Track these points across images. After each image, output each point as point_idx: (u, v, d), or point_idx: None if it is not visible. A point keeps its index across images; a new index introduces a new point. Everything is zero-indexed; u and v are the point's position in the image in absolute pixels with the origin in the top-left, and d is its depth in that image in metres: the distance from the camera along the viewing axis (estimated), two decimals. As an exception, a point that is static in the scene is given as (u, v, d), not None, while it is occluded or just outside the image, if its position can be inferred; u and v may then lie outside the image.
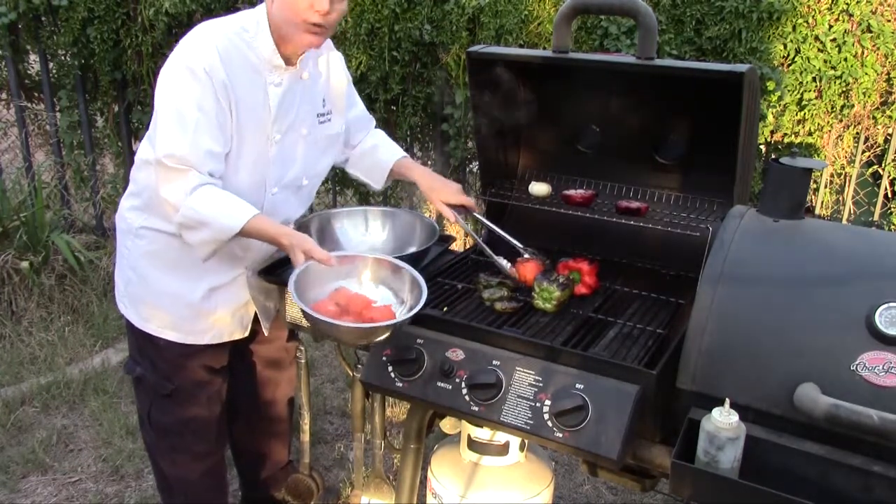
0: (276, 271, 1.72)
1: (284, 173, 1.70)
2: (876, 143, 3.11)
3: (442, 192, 1.80)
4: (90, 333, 3.35)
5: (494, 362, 1.34)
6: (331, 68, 1.79)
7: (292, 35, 1.55)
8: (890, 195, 3.17)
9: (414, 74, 3.22)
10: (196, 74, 1.50)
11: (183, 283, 1.71)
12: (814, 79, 2.88)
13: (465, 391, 1.34)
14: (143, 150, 1.69)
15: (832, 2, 2.80)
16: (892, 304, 1.11)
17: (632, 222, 1.64)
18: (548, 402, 1.27)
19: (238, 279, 1.74)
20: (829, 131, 2.99)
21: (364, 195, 3.57)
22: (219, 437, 1.95)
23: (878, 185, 3.14)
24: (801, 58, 2.86)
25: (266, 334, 1.87)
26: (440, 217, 2.05)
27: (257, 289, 1.77)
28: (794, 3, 2.77)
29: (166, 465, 1.91)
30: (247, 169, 1.62)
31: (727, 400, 1.12)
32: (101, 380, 3.03)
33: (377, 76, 3.18)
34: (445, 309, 1.52)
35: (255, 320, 1.84)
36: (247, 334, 1.84)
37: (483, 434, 1.54)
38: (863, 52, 2.83)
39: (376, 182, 1.92)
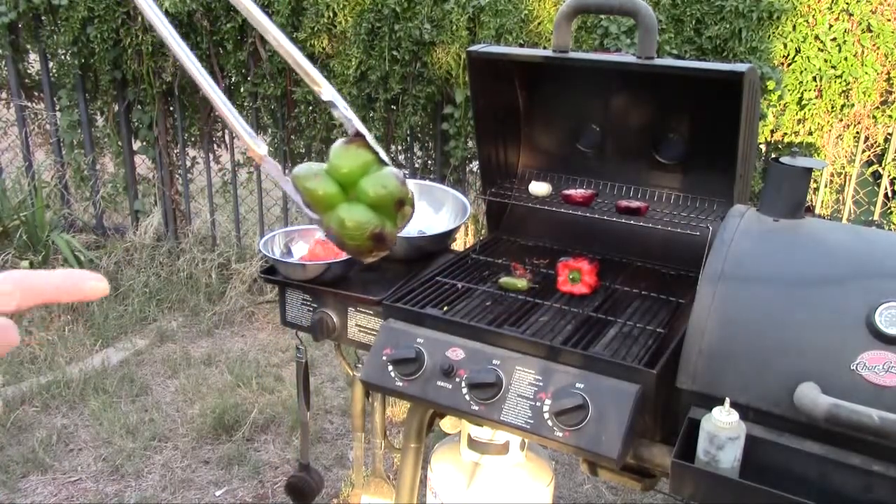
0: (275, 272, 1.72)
1: None
2: (876, 142, 3.11)
3: None
4: (90, 333, 3.35)
5: (494, 361, 1.34)
6: None
7: None
8: (890, 195, 3.17)
9: (414, 74, 3.22)
10: None
11: None
12: (814, 78, 2.88)
13: (465, 390, 1.34)
14: None
15: (832, 1, 2.80)
16: (892, 304, 1.11)
17: (632, 222, 1.64)
18: (548, 402, 1.27)
19: None
20: (830, 131, 2.99)
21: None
22: None
23: (878, 185, 3.14)
24: (802, 57, 2.86)
25: None
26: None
27: None
28: (794, 2, 2.77)
29: None
30: None
31: (727, 399, 1.12)
32: (101, 379, 3.03)
33: (377, 76, 3.18)
34: (445, 309, 1.51)
35: None
36: None
37: (483, 433, 1.54)
38: (863, 52, 2.82)
39: None
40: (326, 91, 0.78)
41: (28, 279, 0.49)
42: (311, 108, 3.46)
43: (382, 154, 0.78)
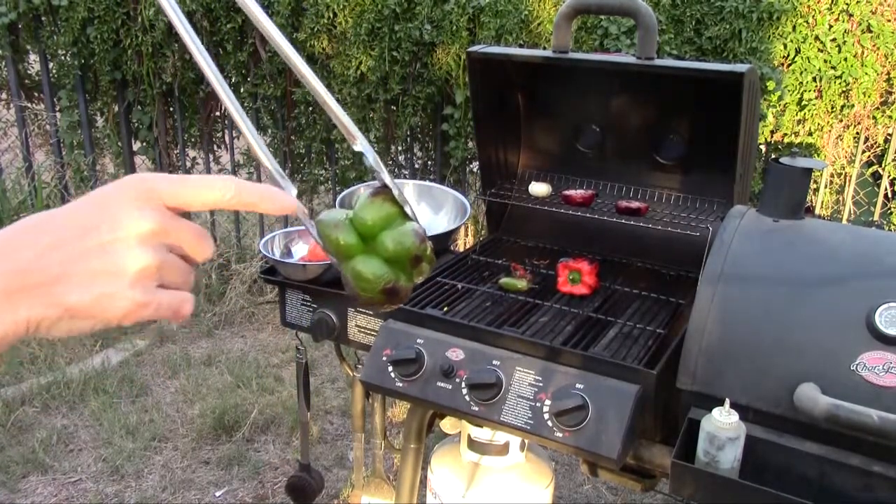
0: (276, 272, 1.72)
1: None
2: (876, 143, 3.11)
3: None
4: (90, 333, 3.35)
5: (494, 362, 1.34)
6: None
7: None
8: (890, 195, 3.17)
9: (414, 74, 3.22)
10: None
11: None
12: (814, 79, 2.88)
13: (465, 391, 1.34)
14: None
15: (832, 2, 2.80)
16: (892, 304, 1.11)
17: (632, 222, 1.64)
18: (548, 402, 1.27)
19: None
20: (829, 131, 2.99)
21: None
22: None
23: (878, 185, 3.14)
24: (802, 58, 2.86)
25: None
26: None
27: None
28: (794, 3, 2.77)
29: None
30: None
31: (727, 400, 1.12)
32: (101, 380, 3.03)
33: (377, 76, 3.18)
34: (445, 309, 1.52)
35: None
36: None
37: (483, 434, 1.54)
38: (863, 52, 2.83)
39: None
40: (360, 143, 0.81)
41: (242, 183, 0.58)
42: (311, 108, 3.46)
43: (408, 209, 0.80)
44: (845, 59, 2.82)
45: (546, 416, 1.27)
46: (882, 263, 1.20)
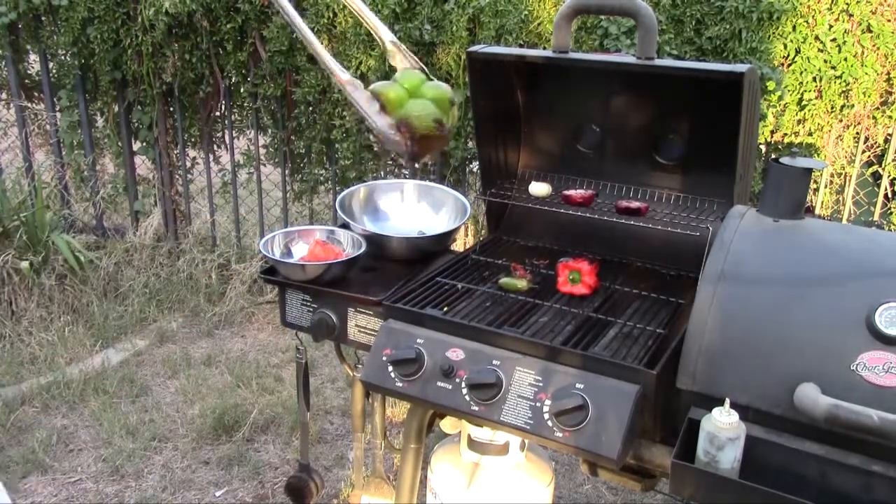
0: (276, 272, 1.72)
1: None
2: (876, 143, 3.11)
3: None
4: (90, 333, 3.35)
5: (494, 362, 1.34)
6: None
7: None
8: (890, 195, 3.17)
9: (414, 74, 3.21)
10: None
11: None
12: (814, 79, 2.88)
13: (465, 391, 1.34)
14: None
15: (832, 2, 2.80)
16: (892, 304, 1.11)
17: (632, 222, 1.64)
18: (548, 402, 1.27)
19: None
20: (829, 131, 2.99)
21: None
22: None
23: (878, 185, 3.14)
24: (802, 58, 2.86)
25: None
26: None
27: None
28: (794, 3, 2.77)
29: None
30: None
31: (727, 400, 1.12)
32: (101, 380, 3.03)
33: (377, 76, 3.18)
34: (445, 309, 1.52)
35: None
36: None
37: (483, 434, 1.54)
38: (863, 52, 2.82)
39: None
40: (385, 34, 1.13)
41: None
42: (310, 108, 3.46)
43: (433, 78, 1.15)
44: (845, 59, 2.82)
45: (546, 416, 1.27)
46: (882, 263, 1.20)
